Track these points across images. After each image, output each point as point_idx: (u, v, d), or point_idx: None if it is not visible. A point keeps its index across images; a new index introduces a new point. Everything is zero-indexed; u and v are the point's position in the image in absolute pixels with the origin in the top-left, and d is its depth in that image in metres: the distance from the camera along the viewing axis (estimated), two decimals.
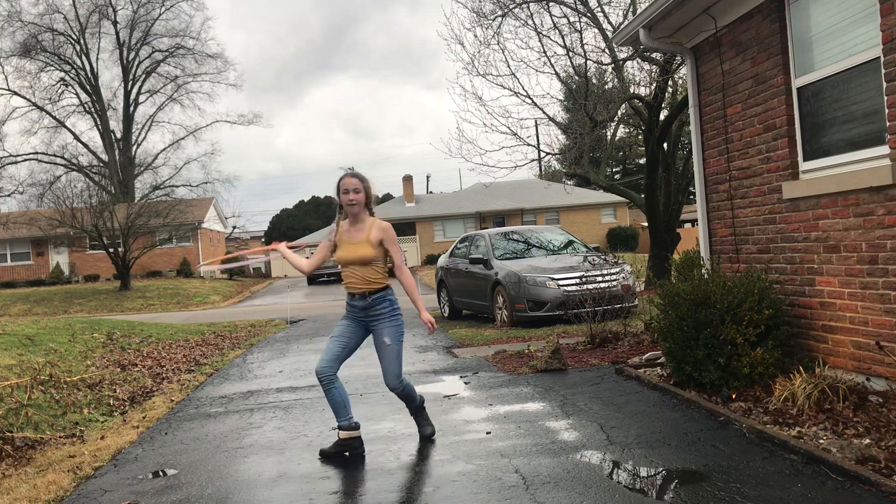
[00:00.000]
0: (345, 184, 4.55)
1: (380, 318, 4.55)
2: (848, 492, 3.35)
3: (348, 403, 4.58)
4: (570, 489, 3.65)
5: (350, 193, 4.52)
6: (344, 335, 4.59)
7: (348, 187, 4.54)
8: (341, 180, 4.59)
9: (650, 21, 6.23)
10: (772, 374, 5.04)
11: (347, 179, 4.56)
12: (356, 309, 4.58)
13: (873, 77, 4.51)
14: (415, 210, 45.15)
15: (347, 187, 4.54)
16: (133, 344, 10.91)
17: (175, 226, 35.42)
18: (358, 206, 4.55)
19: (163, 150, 47.82)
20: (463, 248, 13.52)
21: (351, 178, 4.56)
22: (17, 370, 7.18)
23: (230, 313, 21.66)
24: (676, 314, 5.32)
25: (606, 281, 9.53)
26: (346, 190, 4.53)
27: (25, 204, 37.73)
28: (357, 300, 4.57)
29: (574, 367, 6.97)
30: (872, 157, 4.56)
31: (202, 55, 47.98)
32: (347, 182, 4.55)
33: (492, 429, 4.94)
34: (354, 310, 4.59)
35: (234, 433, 5.41)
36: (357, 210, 4.56)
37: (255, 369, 8.68)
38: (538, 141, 19.55)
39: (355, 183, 4.55)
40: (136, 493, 4.15)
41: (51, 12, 44.96)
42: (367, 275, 4.53)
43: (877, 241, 4.49)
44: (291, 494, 3.93)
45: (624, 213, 44.33)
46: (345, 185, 4.55)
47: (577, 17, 14.46)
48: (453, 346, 9.40)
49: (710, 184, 6.52)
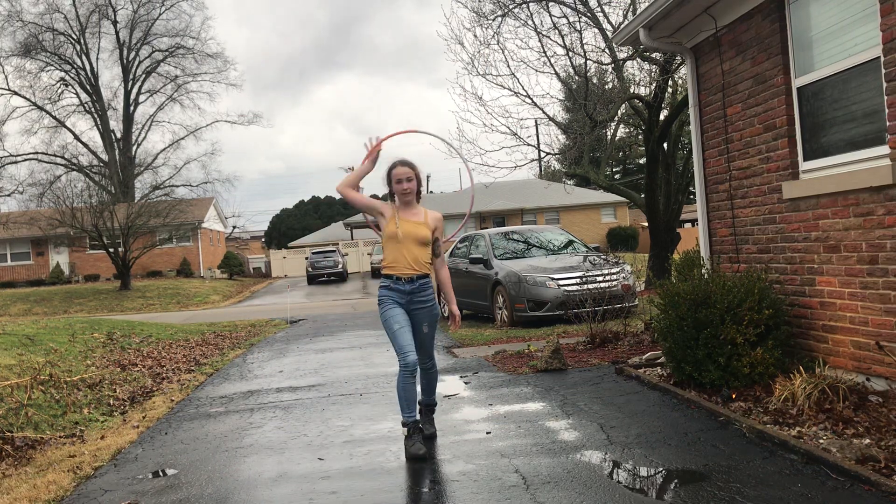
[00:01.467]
0: (398, 173, 4.52)
1: (424, 305, 4.55)
2: (848, 492, 3.35)
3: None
4: (570, 489, 3.65)
5: (404, 183, 4.50)
6: (404, 321, 4.48)
7: (401, 177, 4.51)
8: (393, 169, 4.55)
9: (650, 21, 6.23)
10: (772, 374, 5.04)
11: (400, 169, 4.53)
12: (402, 293, 4.50)
13: (873, 77, 4.51)
14: None
15: (401, 177, 4.51)
16: (133, 344, 10.91)
17: (175, 226, 35.44)
18: (412, 195, 4.54)
19: (163, 150, 47.90)
20: (463, 248, 13.52)
21: (403, 167, 4.53)
22: (17, 370, 7.18)
23: (230, 313, 21.66)
24: (676, 314, 5.32)
25: (606, 281, 9.53)
26: (399, 179, 4.51)
27: (25, 204, 37.79)
28: (404, 284, 4.49)
29: (574, 367, 6.97)
30: (872, 157, 4.56)
31: (202, 55, 48.06)
32: (401, 171, 4.52)
33: (492, 429, 4.94)
34: (400, 294, 4.50)
35: (234, 433, 5.41)
36: (411, 198, 4.55)
37: (255, 369, 8.68)
38: (538, 141, 19.52)
39: (408, 172, 4.52)
40: (136, 492, 4.15)
41: (51, 12, 45.03)
42: (421, 256, 4.50)
43: (877, 241, 4.49)
44: (291, 494, 3.93)
45: (624, 213, 44.33)
46: (398, 174, 4.52)
47: (577, 17, 14.46)
48: (453, 345, 9.39)
49: (710, 184, 6.52)
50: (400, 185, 4.51)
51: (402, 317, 4.47)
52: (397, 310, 4.49)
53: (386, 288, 4.55)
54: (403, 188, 4.51)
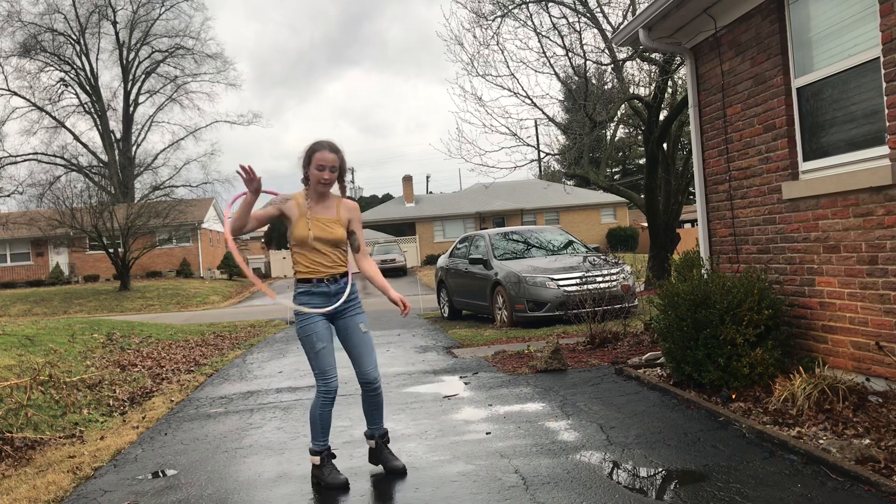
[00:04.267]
0: (322, 158, 3.90)
1: (355, 302, 4.06)
2: (848, 492, 3.35)
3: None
4: (569, 489, 3.65)
5: (326, 172, 3.90)
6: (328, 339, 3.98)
7: (325, 163, 3.90)
8: (317, 152, 3.92)
9: (650, 21, 6.23)
10: (771, 375, 5.04)
11: (327, 154, 3.91)
12: (325, 296, 3.94)
13: (873, 77, 4.51)
14: (415, 210, 45.15)
15: (324, 163, 3.90)
16: (133, 344, 10.91)
17: (175, 226, 35.44)
18: (331, 185, 3.98)
19: (162, 151, 47.85)
20: (463, 249, 13.52)
21: (330, 154, 3.91)
22: (17, 370, 7.18)
23: (230, 313, 21.65)
24: (676, 314, 5.32)
25: (606, 281, 9.54)
26: (321, 166, 3.90)
27: (25, 204, 37.73)
28: (327, 284, 3.94)
29: (574, 368, 6.97)
30: (872, 158, 4.56)
31: (202, 55, 48.06)
32: (326, 157, 3.90)
33: (492, 429, 4.94)
34: (324, 297, 3.94)
35: (234, 433, 5.40)
36: (329, 189, 4.00)
37: (254, 370, 8.68)
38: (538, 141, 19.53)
39: (334, 159, 3.92)
40: (136, 493, 4.15)
41: (51, 12, 45.02)
42: (339, 257, 4.00)
43: (876, 242, 4.49)
44: (291, 494, 3.93)
45: (624, 213, 44.33)
46: (322, 159, 3.90)
47: (577, 17, 14.47)
48: (453, 346, 9.40)
49: (709, 184, 6.52)
50: (322, 174, 3.89)
51: (325, 333, 3.95)
52: (320, 325, 3.93)
53: (305, 294, 3.94)
54: (325, 178, 3.90)
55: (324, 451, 4.02)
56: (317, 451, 4.02)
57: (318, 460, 4.01)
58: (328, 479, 3.96)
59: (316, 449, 4.02)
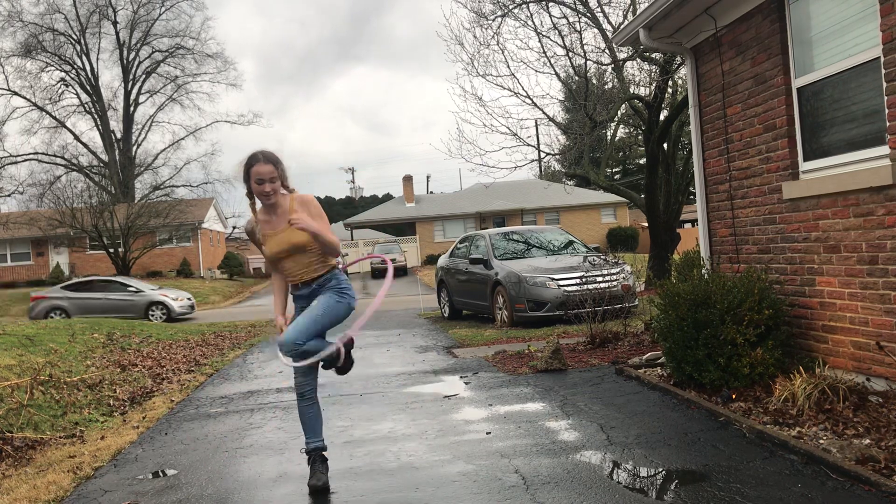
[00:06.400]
0: (259, 172, 3.74)
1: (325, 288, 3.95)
2: (848, 492, 3.35)
3: None
4: (570, 489, 3.65)
5: (266, 184, 3.76)
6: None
7: (263, 176, 3.74)
8: (253, 167, 3.76)
9: (650, 21, 6.23)
10: (772, 375, 5.04)
11: (261, 167, 3.75)
12: (303, 298, 3.98)
13: (873, 77, 4.51)
14: (415, 210, 45.15)
15: (262, 176, 3.74)
16: (133, 344, 10.91)
17: (175, 226, 35.45)
18: (274, 197, 3.83)
19: (163, 151, 47.78)
20: (463, 249, 13.52)
21: (264, 166, 3.75)
22: (18, 370, 7.18)
23: (230, 313, 21.65)
24: (676, 314, 5.32)
25: (606, 281, 9.53)
26: (260, 180, 3.75)
27: (25, 204, 37.72)
28: (301, 288, 3.95)
29: (574, 368, 6.97)
30: (872, 158, 4.55)
31: (202, 55, 48.00)
32: (262, 171, 3.74)
33: (492, 429, 4.94)
34: (302, 299, 3.99)
35: (234, 433, 5.41)
36: (274, 200, 3.85)
37: (255, 369, 8.68)
38: (538, 141, 19.55)
39: (270, 171, 3.75)
40: (136, 493, 4.15)
41: (51, 12, 44.98)
42: (309, 261, 3.89)
43: (877, 242, 4.49)
44: (291, 494, 3.93)
45: (624, 213, 44.33)
46: (258, 173, 3.74)
47: (577, 17, 14.47)
48: (453, 346, 9.40)
49: (710, 184, 6.52)
50: (261, 187, 3.76)
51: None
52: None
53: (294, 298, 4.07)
54: (265, 190, 3.76)
55: (311, 451, 4.04)
56: (307, 450, 4.07)
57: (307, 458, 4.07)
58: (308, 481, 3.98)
59: (304, 447, 4.09)
